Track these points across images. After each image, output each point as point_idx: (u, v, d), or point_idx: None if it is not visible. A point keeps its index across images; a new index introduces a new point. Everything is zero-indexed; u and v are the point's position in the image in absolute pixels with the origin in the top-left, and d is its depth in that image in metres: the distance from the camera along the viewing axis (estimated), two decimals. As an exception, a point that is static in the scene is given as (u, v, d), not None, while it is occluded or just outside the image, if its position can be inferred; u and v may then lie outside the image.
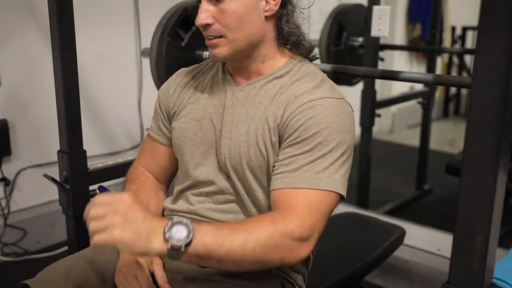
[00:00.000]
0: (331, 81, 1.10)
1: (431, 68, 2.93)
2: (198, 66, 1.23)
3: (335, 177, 0.99)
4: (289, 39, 1.09)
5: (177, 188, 1.20)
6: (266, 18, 1.05)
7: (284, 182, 0.99)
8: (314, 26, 1.28)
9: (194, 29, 1.78)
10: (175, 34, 1.77)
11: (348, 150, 1.02)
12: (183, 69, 1.25)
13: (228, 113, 1.10)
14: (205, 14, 1.04)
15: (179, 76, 1.22)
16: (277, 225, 0.92)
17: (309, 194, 0.97)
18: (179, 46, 1.78)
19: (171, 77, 1.24)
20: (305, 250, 0.95)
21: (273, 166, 1.04)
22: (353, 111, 1.08)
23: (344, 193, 1.01)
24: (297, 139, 1.01)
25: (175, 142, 1.17)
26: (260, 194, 1.09)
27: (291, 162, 1.00)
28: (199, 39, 1.89)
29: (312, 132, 0.99)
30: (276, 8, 1.05)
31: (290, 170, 0.99)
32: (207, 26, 1.04)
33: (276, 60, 1.10)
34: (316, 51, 1.18)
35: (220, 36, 1.05)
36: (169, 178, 1.29)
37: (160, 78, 1.75)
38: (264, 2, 1.04)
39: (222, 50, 1.05)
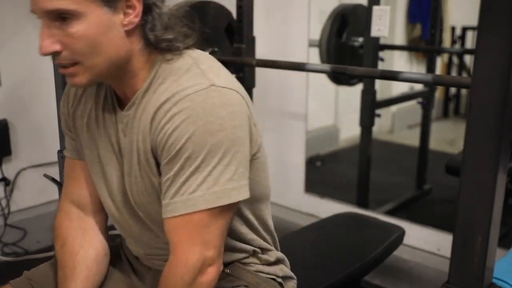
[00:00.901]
0: (204, 65, 0.94)
1: (431, 68, 2.93)
2: None
3: (215, 188, 0.88)
4: (159, 45, 0.94)
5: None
6: (128, 32, 0.90)
7: (166, 210, 0.91)
8: (314, 26, 1.26)
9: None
10: None
11: (229, 149, 0.88)
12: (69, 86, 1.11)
13: (123, 146, 0.99)
14: (49, 40, 0.87)
15: (70, 97, 1.10)
16: (177, 284, 0.90)
17: (189, 220, 0.89)
18: None
19: (64, 95, 1.12)
20: (211, 273, 0.92)
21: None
22: (235, 91, 0.92)
23: (236, 198, 0.90)
24: (166, 159, 0.89)
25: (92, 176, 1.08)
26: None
27: (169, 186, 0.90)
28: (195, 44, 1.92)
29: (176, 148, 0.87)
30: (138, 19, 0.90)
31: (170, 196, 0.90)
32: (55, 54, 0.88)
33: (147, 70, 0.95)
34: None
35: (75, 63, 0.89)
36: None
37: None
38: (121, 16, 0.89)
39: (81, 78, 0.90)
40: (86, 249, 1.09)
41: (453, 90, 5.09)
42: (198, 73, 0.92)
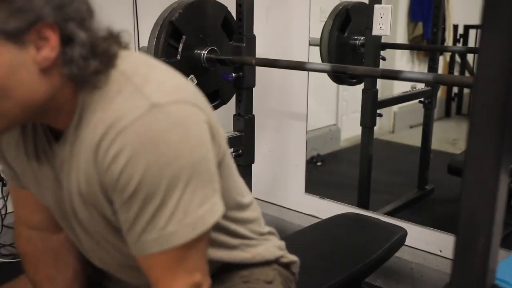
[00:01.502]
0: (138, 76, 0.80)
1: (432, 67, 2.93)
2: None
3: (188, 220, 0.78)
4: (87, 80, 0.78)
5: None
6: (44, 70, 0.75)
7: (136, 248, 0.82)
8: (315, 25, 1.25)
9: (185, 38, 1.82)
10: (168, 49, 1.80)
11: (192, 174, 0.77)
12: None
13: (63, 182, 0.87)
14: None
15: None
16: None
17: (165, 256, 0.81)
18: (175, 61, 1.81)
19: None
20: None
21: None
22: (183, 101, 0.79)
23: (212, 220, 0.81)
24: (121, 201, 0.79)
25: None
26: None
27: (132, 226, 0.80)
28: (193, 43, 1.92)
29: (130, 192, 0.76)
30: (55, 53, 0.74)
31: (136, 235, 0.80)
32: None
33: (73, 101, 0.81)
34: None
35: None
36: None
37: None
38: (32, 51, 0.73)
39: None
40: (63, 271, 1.03)
41: (455, 89, 5.08)
42: (132, 91, 0.77)
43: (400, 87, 4.10)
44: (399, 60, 4.41)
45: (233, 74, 1.97)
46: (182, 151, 0.76)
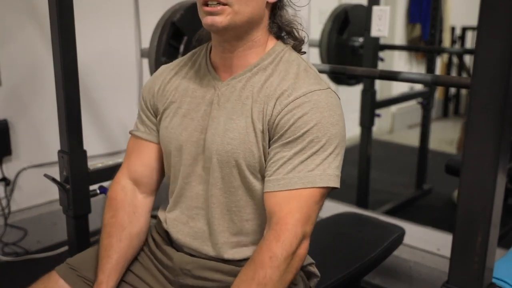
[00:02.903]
0: (314, 69, 1.09)
1: (430, 68, 2.94)
2: (181, 60, 1.19)
3: (329, 171, 1.00)
4: (283, 28, 1.09)
5: (171, 196, 1.18)
6: (267, 4, 1.05)
7: (279, 184, 1.00)
8: (314, 26, 1.29)
9: (186, 39, 1.84)
10: (169, 49, 1.80)
11: (340, 143, 1.02)
12: (164, 66, 1.22)
13: (215, 109, 1.07)
14: None
15: (163, 74, 1.19)
16: (277, 256, 0.96)
17: (303, 194, 0.99)
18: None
19: (154, 75, 1.21)
20: (305, 245, 1.00)
21: (265, 166, 1.04)
22: (339, 99, 1.07)
23: (338, 185, 1.02)
24: (288, 139, 1.00)
25: (163, 144, 1.15)
26: (240, 192, 1.07)
27: (284, 163, 1.00)
28: (191, 46, 1.93)
29: (302, 131, 0.99)
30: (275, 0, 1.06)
31: (284, 172, 1.00)
32: None
33: (263, 48, 1.08)
34: (305, 47, 1.18)
35: (225, 4, 0.99)
36: (158, 180, 1.22)
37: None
38: None
39: (224, 19, 0.99)
40: (133, 224, 1.18)
41: (453, 90, 5.10)
42: (315, 75, 1.06)
43: (398, 88, 4.12)
44: (398, 61, 4.42)
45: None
46: (341, 122, 1.03)
